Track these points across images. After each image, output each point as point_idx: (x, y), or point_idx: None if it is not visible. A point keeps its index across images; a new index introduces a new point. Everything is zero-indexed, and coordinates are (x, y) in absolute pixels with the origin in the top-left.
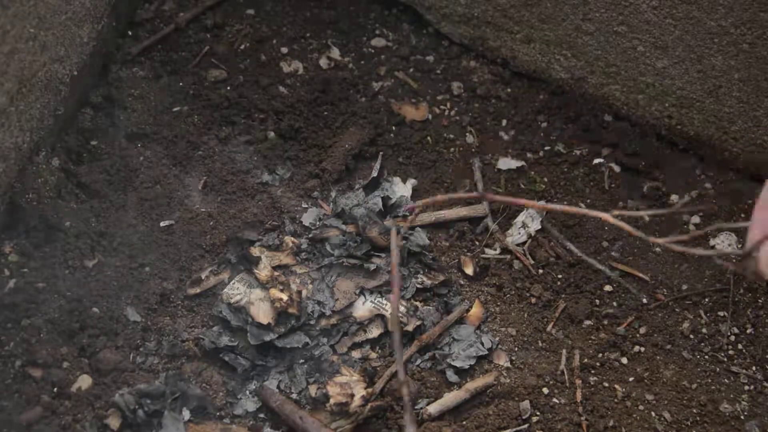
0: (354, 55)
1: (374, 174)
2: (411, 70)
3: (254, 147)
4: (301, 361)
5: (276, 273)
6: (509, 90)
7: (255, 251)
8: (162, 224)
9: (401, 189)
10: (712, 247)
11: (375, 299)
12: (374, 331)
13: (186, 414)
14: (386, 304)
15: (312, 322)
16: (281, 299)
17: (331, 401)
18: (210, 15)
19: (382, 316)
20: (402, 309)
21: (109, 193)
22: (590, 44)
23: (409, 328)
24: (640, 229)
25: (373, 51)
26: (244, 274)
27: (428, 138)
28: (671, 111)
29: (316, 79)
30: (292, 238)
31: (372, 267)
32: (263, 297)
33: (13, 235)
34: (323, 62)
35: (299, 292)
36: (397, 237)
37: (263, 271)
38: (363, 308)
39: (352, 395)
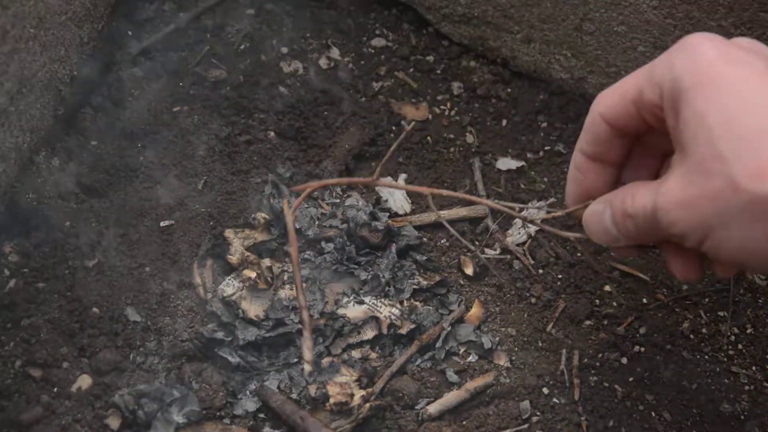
0: (354, 55)
1: None
2: (411, 70)
3: (254, 147)
4: (296, 360)
5: (247, 253)
6: (509, 90)
7: (228, 234)
8: (162, 224)
9: None
10: None
11: (369, 301)
12: (368, 333)
13: (180, 417)
14: (380, 306)
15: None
16: (250, 278)
17: (331, 401)
18: (210, 15)
19: (376, 318)
20: (396, 311)
21: (109, 193)
22: (590, 44)
23: (403, 330)
24: None
25: (373, 51)
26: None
27: (428, 138)
28: None
29: (316, 79)
30: (263, 214)
31: (363, 276)
32: (254, 292)
33: (13, 235)
34: (323, 62)
35: (269, 267)
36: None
37: (235, 255)
38: (356, 310)
39: (352, 395)
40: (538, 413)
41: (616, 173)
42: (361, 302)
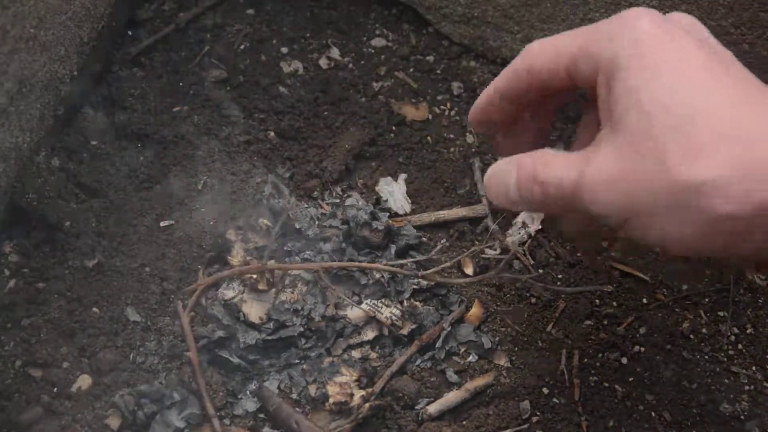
0: (354, 55)
1: None
2: (411, 70)
3: (254, 147)
4: (297, 361)
5: (249, 257)
6: None
7: (231, 234)
8: (162, 224)
9: (394, 187)
10: None
11: (370, 302)
12: (369, 334)
13: (180, 421)
14: (381, 307)
15: (304, 323)
16: (251, 277)
17: (331, 401)
18: (210, 15)
19: (376, 319)
20: (397, 312)
21: (109, 193)
22: None
23: (404, 331)
24: None
25: (373, 51)
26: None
27: (428, 138)
28: None
29: (316, 79)
30: (265, 220)
31: (363, 281)
32: (255, 294)
33: (13, 235)
34: (323, 62)
35: (270, 271)
36: (382, 234)
37: (236, 257)
38: (357, 311)
39: (352, 395)
40: (538, 413)
41: (523, 112)
42: (362, 303)
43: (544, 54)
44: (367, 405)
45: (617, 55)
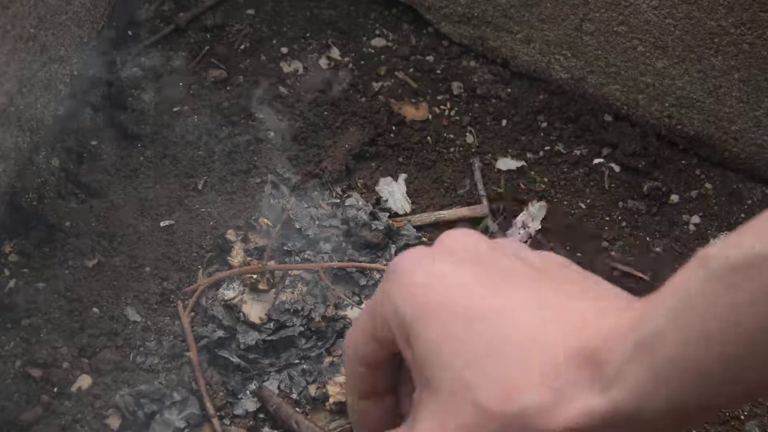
0: (354, 55)
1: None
2: (411, 70)
3: (254, 147)
4: (297, 361)
5: (249, 257)
6: (509, 90)
7: (230, 235)
8: (162, 224)
9: (394, 187)
10: None
11: None
12: None
13: (180, 421)
14: None
15: (304, 323)
16: (252, 277)
17: (331, 400)
18: (210, 15)
19: None
20: None
21: (109, 193)
22: (590, 44)
23: None
24: (639, 227)
25: (373, 51)
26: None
27: (428, 138)
28: (671, 111)
29: (316, 79)
30: (266, 220)
31: (363, 281)
32: (255, 295)
33: (13, 235)
34: (323, 62)
35: (270, 271)
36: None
37: (236, 258)
38: (357, 311)
39: None
40: None
41: (395, 397)
42: (362, 303)
43: (356, 336)
44: None
45: (401, 313)
